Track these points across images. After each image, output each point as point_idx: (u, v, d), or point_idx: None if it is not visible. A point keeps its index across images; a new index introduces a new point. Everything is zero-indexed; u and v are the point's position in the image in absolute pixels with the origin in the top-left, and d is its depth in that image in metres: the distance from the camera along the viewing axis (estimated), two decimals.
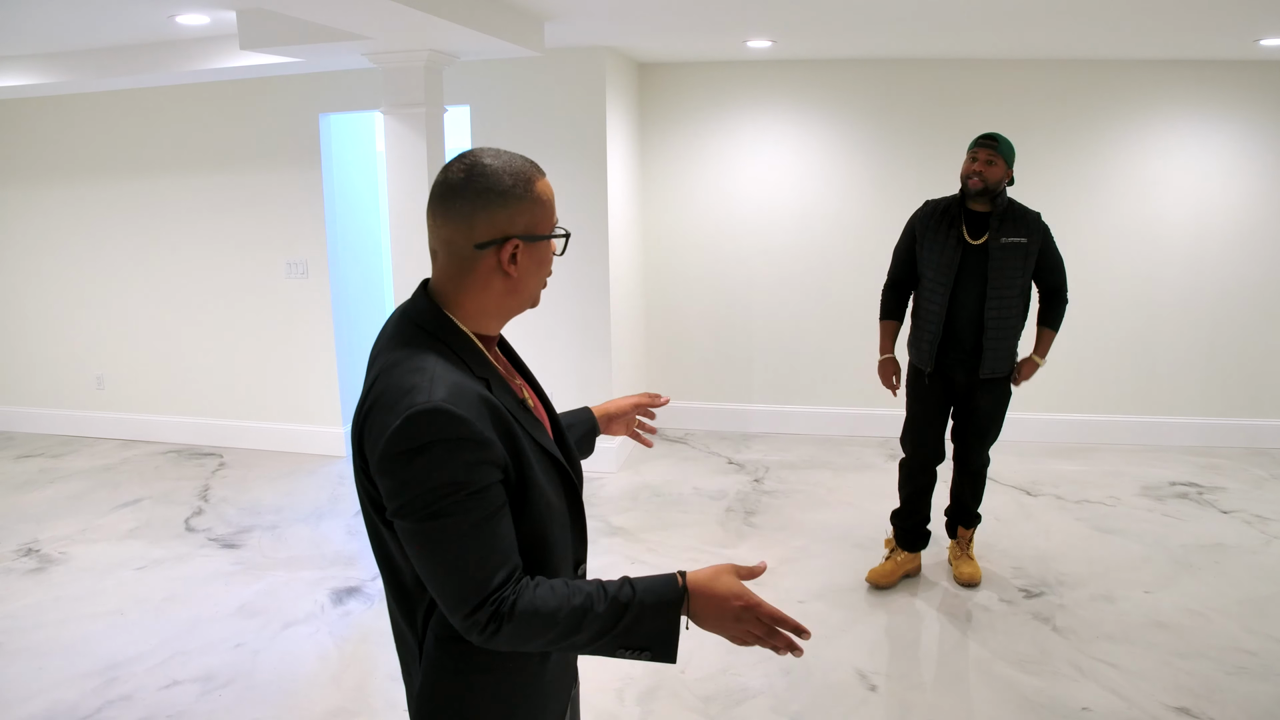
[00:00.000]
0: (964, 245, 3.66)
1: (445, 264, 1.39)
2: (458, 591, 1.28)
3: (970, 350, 3.73)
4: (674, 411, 6.36)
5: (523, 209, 1.36)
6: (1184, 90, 5.57)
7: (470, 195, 1.34)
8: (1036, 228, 3.68)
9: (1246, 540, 4.43)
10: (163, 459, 5.97)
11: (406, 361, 1.32)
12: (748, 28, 4.63)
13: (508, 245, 1.36)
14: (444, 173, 1.38)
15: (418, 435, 1.25)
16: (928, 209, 3.81)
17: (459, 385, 1.29)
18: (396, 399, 1.27)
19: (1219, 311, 5.75)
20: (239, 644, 3.59)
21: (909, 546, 4.05)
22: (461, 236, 1.35)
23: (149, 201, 6.04)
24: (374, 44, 3.80)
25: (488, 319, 1.42)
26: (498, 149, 1.39)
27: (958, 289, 3.68)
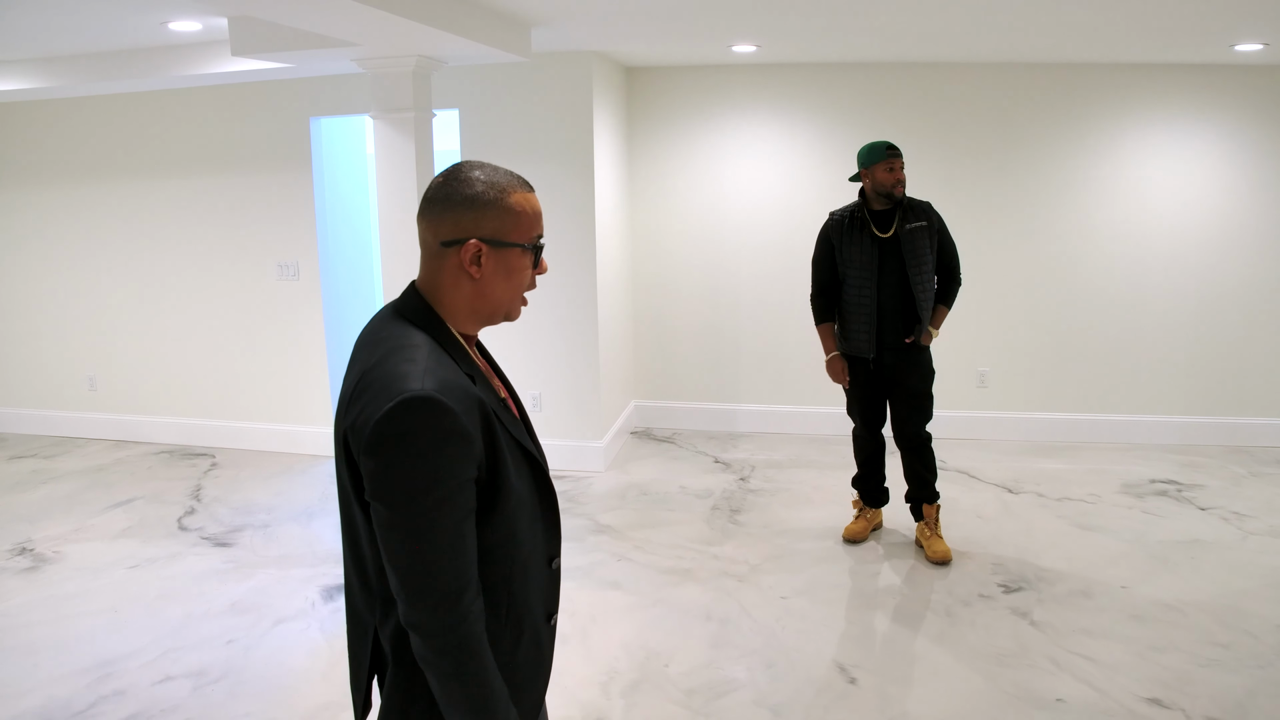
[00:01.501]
0: (878, 240, 4.15)
1: (423, 262, 1.47)
2: (423, 583, 1.30)
3: (900, 330, 4.19)
4: (662, 411, 6.42)
5: (490, 214, 1.41)
6: (1163, 94, 5.66)
7: (443, 197, 1.42)
8: (931, 212, 4.21)
9: (1224, 536, 4.50)
10: (155, 459, 6.01)
11: (399, 351, 1.35)
12: (733, 33, 4.70)
13: (469, 245, 1.41)
14: (435, 180, 1.46)
15: (407, 421, 1.28)
16: (836, 218, 4.28)
17: (448, 378, 1.33)
18: (388, 384, 1.30)
19: (1199, 312, 5.84)
20: (231, 640, 3.64)
21: (873, 504, 4.57)
22: (431, 234, 1.43)
23: (141, 203, 6.09)
24: (363, 50, 3.86)
25: (464, 318, 1.47)
26: (491, 164, 1.46)
27: (881, 278, 4.15)
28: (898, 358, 4.24)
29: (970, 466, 5.54)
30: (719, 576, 4.12)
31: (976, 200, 5.87)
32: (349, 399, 1.37)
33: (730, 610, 3.82)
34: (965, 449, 5.86)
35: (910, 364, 4.24)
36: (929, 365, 4.30)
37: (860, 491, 4.56)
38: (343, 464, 1.40)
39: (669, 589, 4.02)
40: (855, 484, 4.58)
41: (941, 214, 4.27)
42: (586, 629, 3.70)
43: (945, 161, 5.85)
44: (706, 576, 4.13)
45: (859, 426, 4.46)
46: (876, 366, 4.27)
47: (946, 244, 4.24)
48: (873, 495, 4.54)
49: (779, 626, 3.69)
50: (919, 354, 4.25)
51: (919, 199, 4.25)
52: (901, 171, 4.10)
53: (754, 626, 3.69)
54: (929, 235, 4.14)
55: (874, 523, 4.59)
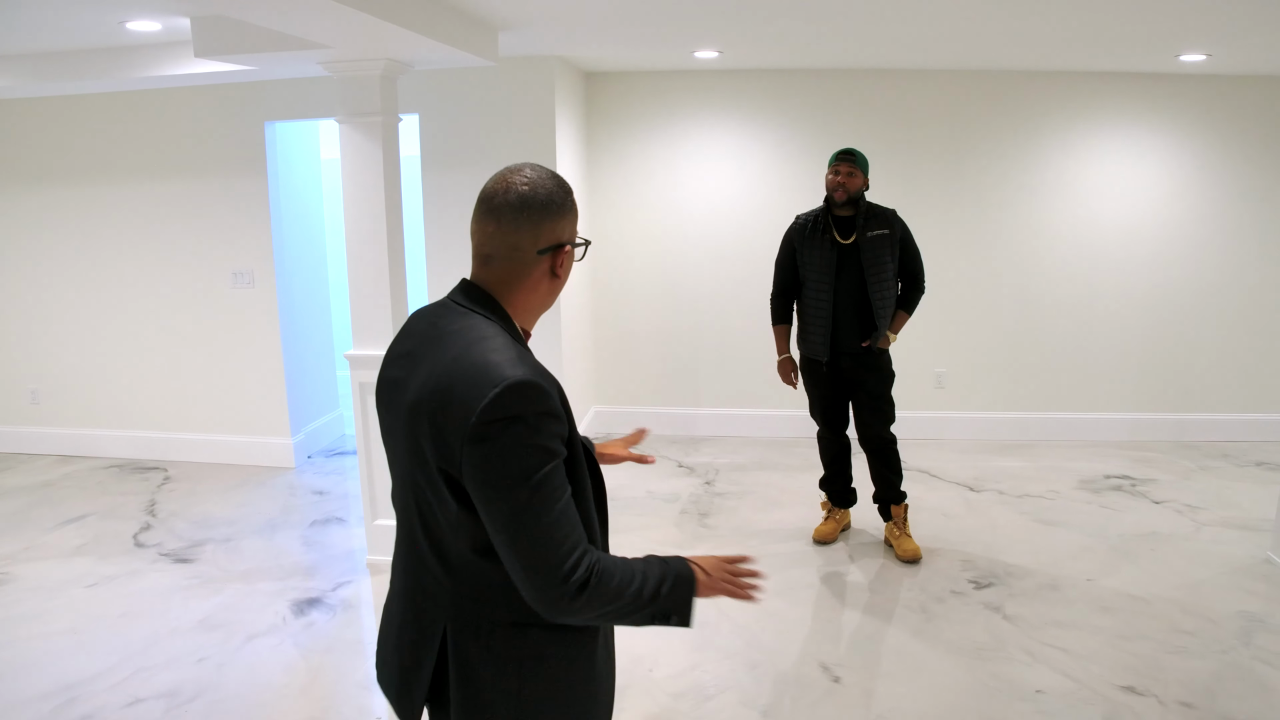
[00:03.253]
0: (837, 246, 4.18)
1: (505, 268, 1.51)
2: (554, 557, 1.36)
3: (856, 335, 4.22)
4: (623, 416, 6.42)
5: (570, 218, 1.54)
6: (1112, 101, 5.83)
7: (538, 205, 1.49)
8: (895, 221, 4.23)
9: (1179, 528, 4.65)
10: (105, 474, 5.83)
11: (481, 343, 1.41)
12: (696, 39, 4.72)
13: (562, 251, 1.53)
14: (502, 185, 1.50)
15: (513, 405, 1.34)
16: (799, 222, 4.31)
17: (537, 365, 1.41)
18: (484, 372, 1.36)
19: (1147, 312, 6.03)
20: (202, 658, 3.54)
21: (841, 504, 4.61)
22: (529, 243, 1.49)
23: (88, 210, 5.90)
24: (331, 53, 3.80)
25: (530, 315, 1.57)
26: (539, 165, 1.54)
27: (839, 284, 4.18)
28: (855, 362, 4.28)
29: (931, 466, 5.64)
30: None
31: (932, 205, 5.98)
32: (434, 389, 1.40)
33: (707, 612, 3.82)
34: (925, 449, 5.95)
35: (868, 368, 4.28)
36: (888, 369, 4.34)
37: (828, 493, 4.61)
38: (428, 453, 1.42)
39: None
40: (823, 485, 4.63)
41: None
42: None
43: (902, 167, 5.95)
44: None
45: (822, 428, 4.51)
46: (834, 370, 4.31)
47: (910, 251, 4.27)
48: (840, 496, 4.59)
49: (758, 628, 3.70)
50: (877, 358, 4.28)
51: (884, 206, 4.28)
52: (846, 177, 4.09)
53: (733, 629, 3.70)
54: (890, 243, 4.17)
55: (843, 523, 4.63)
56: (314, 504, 5.24)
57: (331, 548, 4.62)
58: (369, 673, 3.42)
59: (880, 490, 4.44)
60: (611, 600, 1.40)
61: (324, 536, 4.77)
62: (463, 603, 1.48)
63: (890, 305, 4.22)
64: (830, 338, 4.24)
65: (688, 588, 1.50)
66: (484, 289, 1.52)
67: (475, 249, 1.53)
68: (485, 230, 1.50)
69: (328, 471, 5.83)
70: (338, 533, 4.81)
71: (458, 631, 1.48)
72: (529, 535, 1.35)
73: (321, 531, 4.83)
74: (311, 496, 5.37)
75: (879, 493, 4.45)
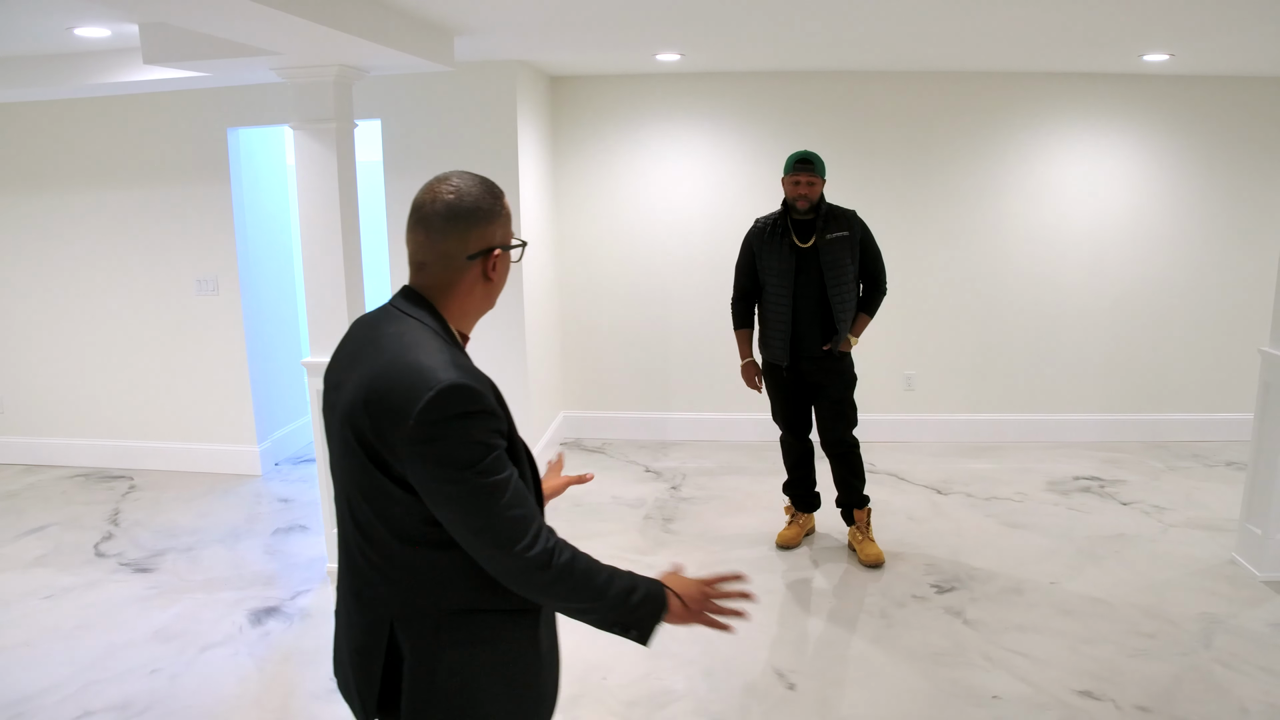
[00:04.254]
0: (796, 249, 4.14)
1: (438, 273, 1.56)
2: (513, 529, 1.44)
3: (817, 339, 4.19)
4: (592, 421, 6.39)
5: (500, 223, 1.59)
6: (1076, 102, 5.83)
7: (464, 213, 1.54)
8: (855, 222, 4.19)
9: (1145, 529, 4.64)
10: (69, 483, 5.77)
11: (416, 347, 1.47)
12: (657, 42, 4.70)
13: (492, 255, 1.58)
14: (430, 195, 1.55)
15: (449, 407, 1.40)
16: (759, 226, 4.29)
17: (471, 367, 1.49)
18: (420, 376, 1.42)
19: (1115, 313, 6.03)
20: (155, 670, 3.50)
21: (805, 509, 4.58)
22: (458, 249, 1.55)
23: (53, 217, 5.84)
24: (283, 59, 3.76)
25: (468, 318, 1.62)
26: (468, 172, 1.59)
27: (798, 287, 4.15)
28: (816, 365, 4.25)
29: (899, 469, 5.62)
30: None
31: (899, 206, 5.97)
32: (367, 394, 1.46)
33: None
34: (894, 452, 5.94)
35: (829, 371, 4.25)
36: (850, 372, 4.30)
37: (791, 497, 4.58)
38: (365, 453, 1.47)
39: None
40: (786, 490, 4.60)
41: (866, 220, 4.31)
42: None
43: (867, 168, 5.94)
44: None
45: (784, 433, 4.48)
46: (795, 374, 4.28)
47: (871, 253, 4.23)
48: (804, 500, 4.56)
49: (716, 635, 3.64)
50: (838, 361, 4.25)
51: (843, 207, 4.24)
52: (807, 187, 4.05)
53: (690, 635, 3.66)
54: (850, 245, 4.13)
55: (806, 528, 4.61)
56: (278, 512, 5.20)
57: (293, 556, 4.58)
58: (323, 682, 3.39)
59: (843, 494, 4.42)
60: (580, 583, 1.48)
61: (286, 545, 4.73)
62: (406, 595, 1.53)
63: (851, 308, 4.19)
64: (791, 342, 4.21)
65: (655, 607, 1.56)
66: (422, 294, 1.58)
67: (410, 257, 1.59)
68: (417, 239, 1.56)
69: (294, 479, 5.78)
70: (300, 541, 4.77)
71: (404, 624, 1.53)
72: (488, 516, 1.42)
73: (284, 540, 4.79)
74: (276, 504, 5.33)
75: (841, 497, 4.43)
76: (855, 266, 4.18)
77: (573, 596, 1.49)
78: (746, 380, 4.40)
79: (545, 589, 1.47)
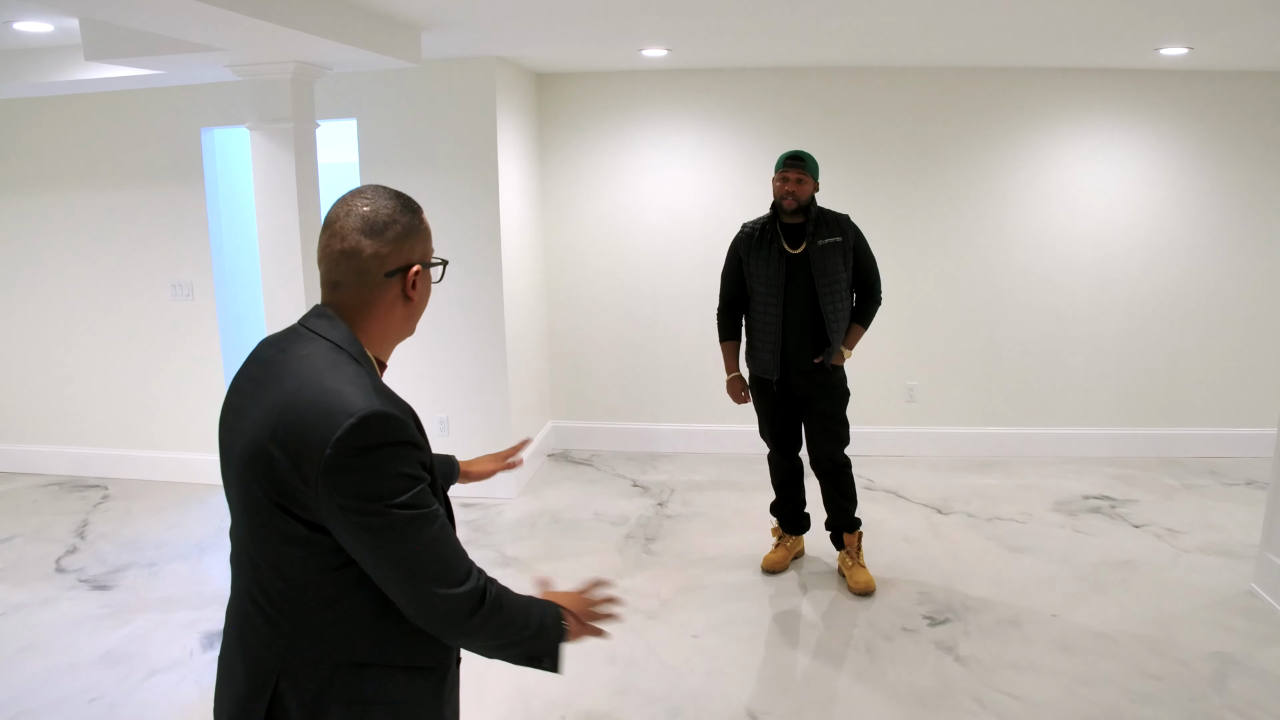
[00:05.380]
0: (786, 256, 3.89)
1: (354, 293, 1.46)
2: (443, 566, 1.36)
3: (807, 351, 3.92)
4: (580, 432, 6.17)
5: (420, 238, 1.50)
6: (1087, 99, 5.53)
7: (381, 228, 1.45)
8: (848, 227, 3.92)
9: (1156, 555, 4.36)
10: (42, 492, 5.62)
11: (331, 372, 1.37)
12: (638, 36, 4.46)
13: (410, 273, 1.48)
14: (344, 209, 1.46)
15: (370, 436, 1.31)
16: (746, 231, 4.03)
17: (390, 394, 1.40)
18: (337, 404, 1.32)
19: (1128, 320, 5.72)
20: (94, 698, 3.32)
21: (793, 530, 4.32)
22: (375, 266, 1.45)
23: (24, 220, 5.68)
24: (234, 56, 3.57)
25: (386, 343, 1.52)
26: (384, 186, 1.51)
27: (788, 296, 3.89)
28: (806, 379, 3.98)
29: (899, 485, 5.35)
30: (627, 613, 3.86)
31: (899, 209, 5.70)
32: (276, 421, 1.34)
33: (636, 650, 3.57)
34: (894, 467, 5.67)
35: (820, 386, 3.98)
36: (842, 387, 4.03)
37: (779, 518, 4.33)
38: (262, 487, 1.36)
39: None
40: (774, 510, 4.34)
41: (862, 224, 4.05)
42: (482, 674, 3.42)
43: (866, 169, 5.68)
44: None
45: (772, 450, 4.22)
46: (784, 388, 4.03)
47: (864, 259, 3.96)
48: (792, 522, 4.30)
49: (687, 668, 3.44)
50: (830, 375, 3.98)
51: (836, 211, 3.97)
52: (795, 185, 3.80)
53: (660, 669, 3.44)
54: (843, 251, 3.87)
55: (794, 551, 4.35)
56: None
57: None
58: None
59: (833, 516, 4.16)
60: (508, 619, 1.42)
61: None
62: (295, 645, 1.41)
63: (844, 318, 3.91)
64: (780, 354, 3.94)
65: (560, 631, 1.51)
66: (336, 314, 1.47)
67: (324, 275, 1.48)
68: (330, 256, 1.46)
69: None
70: None
71: (291, 678, 1.41)
72: (415, 553, 1.33)
73: None
74: None
75: (831, 519, 4.17)
76: (848, 274, 3.91)
77: (500, 633, 1.43)
78: (732, 395, 4.15)
79: (474, 629, 1.39)
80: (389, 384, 1.47)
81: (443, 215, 5.04)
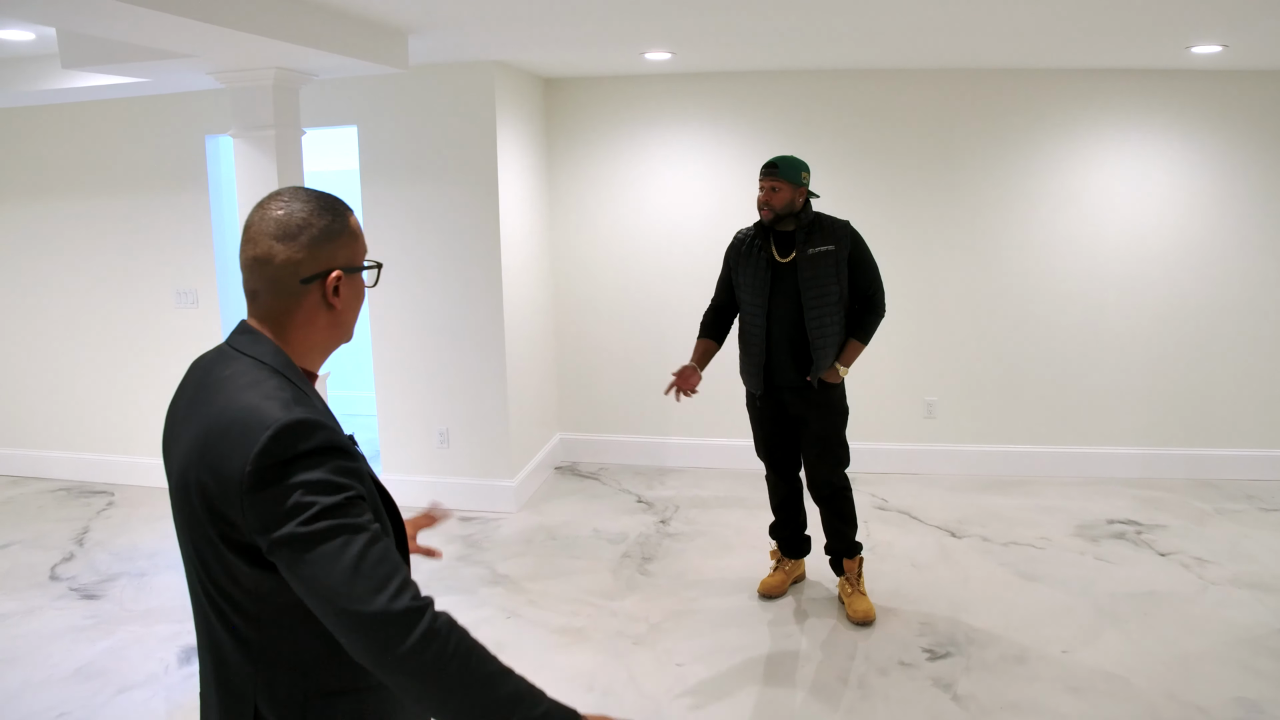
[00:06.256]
0: (773, 264, 3.71)
1: (271, 302, 1.39)
2: (369, 581, 1.21)
3: (795, 368, 3.73)
4: (588, 445, 6.03)
5: (343, 242, 1.41)
6: (1116, 101, 5.27)
7: (294, 232, 1.37)
8: (844, 234, 3.70)
9: (1181, 587, 4.10)
10: (49, 498, 5.63)
11: (252, 388, 1.30)
12: (638, 39, 4.31)
13: (331, 278, 1.39)
14: (259, 213, 1.39)
15: (290, 445, 1.24)
16: (738, 238, 3.88)
17: (316, 405, 1.33)
18: (255, 419, 1.25)
19: (1160, 334, 5.43)
20: (63, 714, 3.26)
21: (792, 554, 4.13)
22: (288, 273, 1.37)
23: (30, 226, 5.71)
24: (209, 62, 3.49)
25: (314, 354, 1.44)
26: (303, 187, 1.43)
27: (773, 307, 3.70)
28: (798, 397, 3.78)
29: (912, 505, 5.13)
30: (614, 638, 3.73)
31: (918, 216, 5.48)
32: (202, 446, 1.28)
33: (617, 678, 3.42)
34: (909, 485, 5.45)
35: (812, 404, 3.77)
36: (838, 405, 3.82)
37: (778, 540, 4.13)
38: (205, 517, 1.29)
39: (556, 652, 3.63)
40: (772, 532, 4.15)
41: (878, 232, 3.82)
42: None
43: (883, 176, 5.47)
44: (600, 637, 3.73)
45: (767, 470, 4.03)
46: (774, 405, 3.85)
47: (864, 269, 3.74)
48: (791, 545, 4.11)
49: (667, 700, 3.29)
50: (825, 392, 3.77)
51: (834, 218, 3.76)
52: (768, 194, 3.61)
53: (638, 700, 3.29)
54: (834, 261, 3.65)
55: (794, 575, 4.16)
56: None
57: None
58: None
59: (831, 541, 3.96)
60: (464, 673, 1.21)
61: None
62: (269, 674, 1.34)
63: (832, 334, 3.69)
64: (765, 368, 3.77)
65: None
66: (258, 329, 1.40)
67: (244, 285, 1.42)
68: (245, 263, 1.40)
69: None
70: None
71: (269, 708, 1.34)
72: (337, 570, 1.21)
73: None
74: None
75: (830, 544, 3.97)
76: (841, 286, 3.69)
77: (444, 678, 1.21)
78: (677, 381, 3.79)
79: (413, 664, 1.20)
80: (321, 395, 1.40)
81: (442, 223, 4.94)
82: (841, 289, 3.69)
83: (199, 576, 1.36)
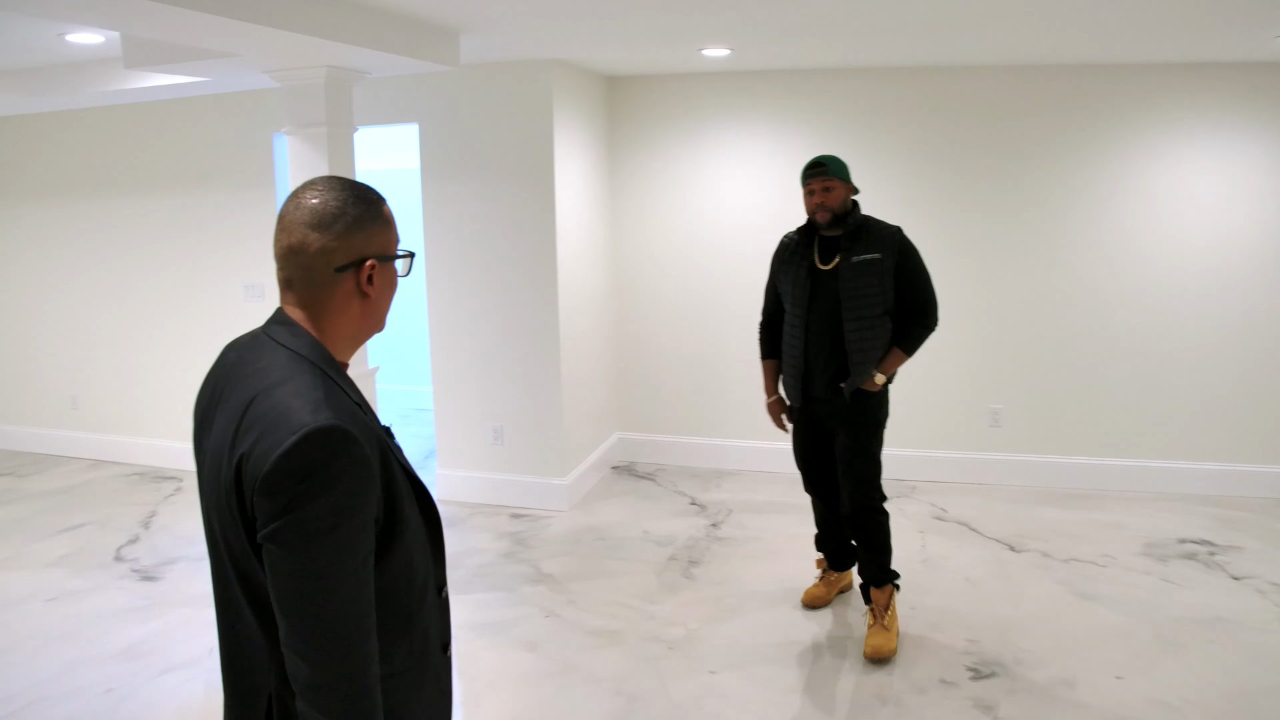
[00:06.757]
0: (814, 272, 3.56)
1: (305, 291, 1.40)
2: (325, 632, 1.23)
3: (830, 378, 3.58)
4: (646, 445, 6.00)
5: (376, 230, 1.42)
6: (1193, 96, 5.00)
7: (329, 221, 1.37)
8: (892, 242, 3.49)
9: (1253, 615, 3.86)
10: (124, 481, 5.86)
11: (286, 383, 1.30)
12: (692, 33, 4.25)
13: (365, 266, 1.40)
14: (294, 201, 1.40)
15: (313, 456, 1.23)
16: (782, 243, 3.74)
17: (345, 408, 1.30)
18: (283, 417, 1.25)
19: (1242, 343, 5.13)
20: (109, 689, 3.40)
21: (837, 567, 4.01)
22: (322, 262, 1.38)
23: (113, 222, 5.98)
24: (264, 61, 3.57)
25: (346, 344, 1.45)
26: (336, 176, 1.43)
27: (811, 316, 3.55)
28: (828, 409, 3.63)
29: (972, 517, 4.97)
30: (648, 641, 3.69)
31: (982, 220, 5.29)
32: (234, 435, 1.29)
33: (646, 684, 3.39)
34: (972, 496, 5.27)
35: (844, 416, 3.60)
36: (872, 417, 3.59)
37: (823, 552, 4.02)
38: (232, 504, 1.30)
39: (588, 653, 3.61)
40: (818, 544, 4.03)
41: (943, 234, 3.64)
42: (480, 696, 3.32)
43: (946, 177, 5.30)
44: (634, 640, 3.70)
45: (804, 481, 3.89)
46: (808, 416, 3.72)
47: (913, 282, 3.51)
48: (836, 557, 3.98)
49: (694, 708, 3.24)
50: (860, 404, 3.56)
51: (885, 223, 3.55)
52: (823, 194, 3.43)
53: (665, 706, 3.25)
54: (879, 269, 3.45)
55: (839, 585, 4.06)
56: None
57: None
58: None
59: (861, 568, 3.72)
60: None
61: None
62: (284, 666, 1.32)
63: (873, 348, 3.48)
64: (802, 379, 3.63)
65: None
66: (295, 317, 1.41)
67: (278, 274, 1.42)
68: (279, 252, 1.40)
69: None
70: None
71: (283, 700, 1.35)
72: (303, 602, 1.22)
73: None
74: None
75: (860, 568, 3.73)
76: (884, 296, 3.48)
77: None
78: (773, 419, 3.84)
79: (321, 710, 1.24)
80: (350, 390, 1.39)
81: (499, 220, 4.97)
82: (885, 300, 3.49)
83: (223, 557, 1.38)
